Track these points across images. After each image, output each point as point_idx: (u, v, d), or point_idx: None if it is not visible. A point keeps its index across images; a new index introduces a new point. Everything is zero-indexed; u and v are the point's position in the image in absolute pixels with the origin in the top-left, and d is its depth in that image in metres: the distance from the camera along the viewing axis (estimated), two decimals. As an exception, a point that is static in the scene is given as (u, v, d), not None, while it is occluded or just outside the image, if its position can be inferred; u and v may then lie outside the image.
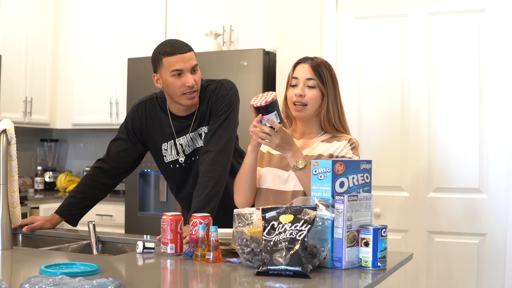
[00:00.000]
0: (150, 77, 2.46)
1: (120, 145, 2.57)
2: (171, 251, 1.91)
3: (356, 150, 2.15)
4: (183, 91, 2.34)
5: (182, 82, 2.33)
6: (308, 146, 2.18)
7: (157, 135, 2.52)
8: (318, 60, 2.19)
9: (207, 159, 2.36)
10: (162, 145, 2.51)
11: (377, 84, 3.44)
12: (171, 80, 2.34)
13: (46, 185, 5.05)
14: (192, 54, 2.37)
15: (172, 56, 2.32)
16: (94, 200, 2.58)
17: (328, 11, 3.53)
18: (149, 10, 4.63)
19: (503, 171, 3.17)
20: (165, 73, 2.35)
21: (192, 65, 2.35)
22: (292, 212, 1.72)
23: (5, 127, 2.11)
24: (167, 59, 2.33)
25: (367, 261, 1.74)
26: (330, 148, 2.14)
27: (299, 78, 2.15)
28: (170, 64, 2.33)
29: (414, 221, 3.32)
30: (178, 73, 2.33)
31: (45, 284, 1.37)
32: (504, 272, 3.13)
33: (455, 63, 3.28)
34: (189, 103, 2.39)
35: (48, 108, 4.91)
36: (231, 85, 2.48)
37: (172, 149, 2.50)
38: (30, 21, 4.71)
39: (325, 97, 2.15)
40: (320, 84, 2.14)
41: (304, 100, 2.13)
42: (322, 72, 2.15)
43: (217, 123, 2.41)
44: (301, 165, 2.02)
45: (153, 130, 2.52)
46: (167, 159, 2.52)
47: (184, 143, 2.48)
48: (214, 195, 2.33)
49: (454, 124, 3.27)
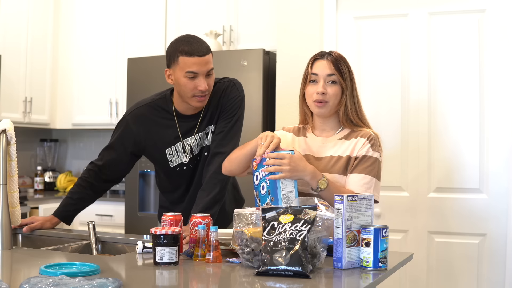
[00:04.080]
0: (150, 77, 2.45)
1: (111, 155, 2.52)
2: (171, 251, 1.90)
3: (376, 146, 2.12)
4: (195, 93, 2.29)
5: (195, 85, 2.27)
6: (327, 144, 2.17)
7: (159, 142, 2.45)
8: (336, 54, 2.16)
9: (217, 160, 2.32)
10: (166, 150, 2.44)
11: (377, 84, 3.44)
12: (184, 81, 2.28)
13: (46, 185, 5.05)
14: (209, 57, 2.29)
15: (189, 56, 2.25)
16: (90, 201, 2.57)
17: (328, 11, 3.53)
18: (149, 10, 4.63)
19: (503, 171, 3.17)
20: (179, 71, 2.28)
21: (208, 69, 2.28)
22: (292, 212, 1.72)
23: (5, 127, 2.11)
24: (184, 59, 2.25)
25: (368, 261, 1.73)
26: (349, 148, 2.12)
27: (319, 74, 2.12)
28: (186, 65, 2.26)
29: (414, 221, 3.32)
30: (192, 76, 2.26)
31: (45, 284, 1.37)
32: (504, 272, 3.13)
33: (455, 63, 3.28)
34: (198, 105, 2.35)
35: (48, 108, 4.91)
36: (241, 87, 2.46)
37: (179, 152, 2.43)
38: (30, 21, 4.71)
39: (344, 93, 2.13)
40: (341, 80, 2.12)
41: (327, 98, 2.11)
42: (341, 67, 2.13)
43: (229, 125, 2.38)
44: (324, 185, 2.00)
45: (154, 138, 2.45)
46: (173, 163, 2.45)
47: (193, 144, 2.42)
48: (220, 198, 2.32)
49: (454, 124, 3.27)
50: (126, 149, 2.50)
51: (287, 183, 1.97)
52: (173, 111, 2.43)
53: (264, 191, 2.01)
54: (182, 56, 2.26)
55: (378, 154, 2.11)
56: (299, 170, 1.98)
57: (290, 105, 3.56)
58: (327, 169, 2.11)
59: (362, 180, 2.07)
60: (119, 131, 2.52)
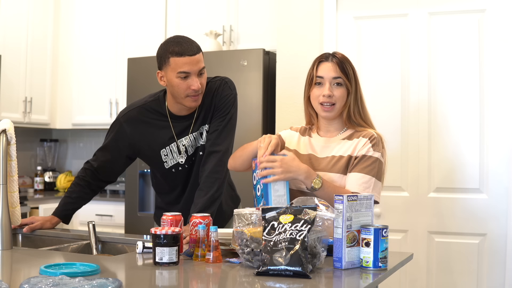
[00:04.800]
0: (150, 77, 2.45)
1: (106, 156, 2.51)
2: (171, 251, 1.90)
3: (377, 146, 2.11)
4: (188, 93, 2.29)
5: (187, 85, 2.27)
6: (330, 144, 2.17)
7: (154, 143, 2.44)
8: (340, 56, 2.16)
9: (213, 159, 2.34)
10: (160, 151, 2.44)
11: (377, 84, 3.43)
12: (176, 81, 2.28)
13: (46, 185, 5.05)
14: (200, 56, 2.29)
15: (180, 57, 2.25)
16: (88, 199, 2.58)
17: (328, 11, 3.53)
18: (149, 10, 4.63)
19: (503, 171, 3.17)
20: (171, 73, 2.28)
21: (200, 68, 2.29)
22: (292, 212, 1.72)
23: (4, 127, 2.11)
24: (175, 60, 2.26)
25: (368, 261, 1.73)
26: (350, 147, 2.12)
27: (325, 77, 2.12)
28: (177, 65, 2.26)
29: (414, 221, 3.32)
30: (184, 76, 2.27)
31: (45, 284, 1.37)
32: (504, 272, 3.13)
33: (455, 63, 3.28)
34: (192, 105, 2.35)
35: (48, 108, 4.91)
36: (233, 84, 2.46)
37: (174, 153, 2.43)
38: (30, 21, 4.71)
39: (349, 95, 2.13)
40: (347, 82, 2.12)
41: (333, 100, 2.12)
42: (347, 68, 2.13)
43: (222, 123, 2.38)
44: (318, 185, 2.00)
45: (148, 140, 2.45)
46: (168, 164, 2.45)
47: (187, 144, 2.42)
48: (218, 196, 2.33)
49: (454, 124, 3.27)
50: (120, 151, 2.50)
51: (278, 188, 1.98)
52: (166, 112, 2.43)
53: (259, 193, 2.04)
54: (173, 57, 2.26)
55: (379, 154, 2.10)
56: (291, 171, 1.98)
57: (290, 105, 3.56)
58: (327, 168, 2.11)
59: (361, 180, 2.06)
60: (113, 133, 2.51)
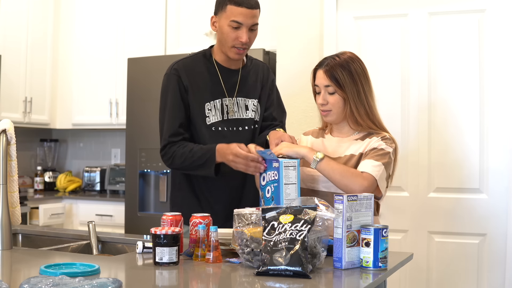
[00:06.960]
0: (150, 77, 2.44)
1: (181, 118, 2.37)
2: (171, 251, 1.90)
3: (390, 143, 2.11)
4: (235, 44, 2.34)
5: (236, 35, 2.32)
6: (342, 144, 2.18)
7: (204, 92, 2.39)
8: (332, 63, 2.14)
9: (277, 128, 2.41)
10: (205, 104, 2.40)
11: (377, 84, 3.40)
12: (227, 29, 2.32)
13: (46, 185, 5.05)
14: (257, 12, 2.34)
15: (238, 6, 2.29)
16: None
17: (328, 11, 3.53)
18: (149, 10, 4.62)
19: (503, 171, 3.17)
20: (225, 20, 2.33)
21: (253, 22, 2.34)
22: (292, 212, 1.72)
23: (4, 127, 2.11)
24: (232, 8, 2.30)
25: (368, 261, 1.73)
26: (361, 146, 2.14)
27: (319, 85, 2.16)
28: (232, 14, 2.30)
29: (414, 221, 3.32)
30: (236, 26, 2.31)
31: (45, 284, 1.37)
32: (504, 272, 3.13)
33: (455, 63, 3.28)
34: (235, 58, 2.39)
35: (47, 108, 4.91)
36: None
37: (217, 110, 2.40)
38: (30, 21, 4.71)
39: (347, 100, 2.13)
40: (338, 89, 2.12)
41: (329, 107, 2.15)
42: (337, 75, 2.11)
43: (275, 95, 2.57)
44: (320, 155, 2.04)
45: (198, 86, 2.40)
46: (210, 120, 2.39)
47: (229, 104, 2.41)
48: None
49: (454, 124, 3.27)
50: (184, 101, 2.39)
51: (290, 192, 2.01)
52: (213, 60, 2.45)
53: (269, 195, 2.05)
54: (230, 5, 2.31)
55: (391, 149, 2.11)
56: (295, 147, 2.12)
57: (290, 105, 3.56)
58: None
59: (372, 163, 2.06)
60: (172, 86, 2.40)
